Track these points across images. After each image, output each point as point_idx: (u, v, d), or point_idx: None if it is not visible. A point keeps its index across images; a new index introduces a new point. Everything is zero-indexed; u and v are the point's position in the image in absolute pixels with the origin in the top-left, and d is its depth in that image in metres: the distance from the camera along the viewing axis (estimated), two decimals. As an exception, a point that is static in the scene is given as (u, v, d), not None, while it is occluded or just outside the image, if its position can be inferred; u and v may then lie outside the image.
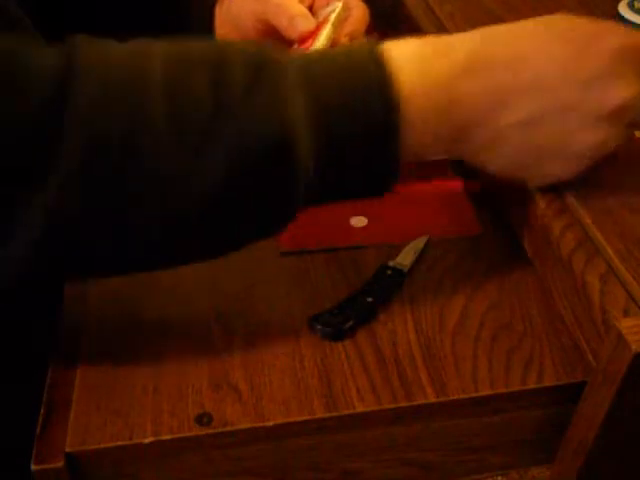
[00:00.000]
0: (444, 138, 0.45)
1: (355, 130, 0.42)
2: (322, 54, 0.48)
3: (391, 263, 0.55)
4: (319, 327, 0.50)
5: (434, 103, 0.43)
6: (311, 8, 0.64)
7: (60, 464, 0.42)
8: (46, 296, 0.56)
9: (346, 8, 0.60)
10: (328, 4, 0.63)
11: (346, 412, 0.45)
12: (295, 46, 0.58)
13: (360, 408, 0.46)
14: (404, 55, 0.44)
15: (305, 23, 0.59)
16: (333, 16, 0.59)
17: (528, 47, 0.44)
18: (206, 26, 0.68)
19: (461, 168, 0.66)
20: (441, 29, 0.72)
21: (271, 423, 0.45)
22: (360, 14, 0.63)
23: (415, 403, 0.46)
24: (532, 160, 0.47)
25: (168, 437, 0.44)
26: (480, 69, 0.43)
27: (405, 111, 0.42)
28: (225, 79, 0.40)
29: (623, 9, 0.71)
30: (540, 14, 0.75)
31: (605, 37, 0.44)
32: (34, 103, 0.37)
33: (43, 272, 0.42)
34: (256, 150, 0.40)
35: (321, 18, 0.60)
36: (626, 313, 0.42)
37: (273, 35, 0.62)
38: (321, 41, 0.57)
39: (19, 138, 0.37)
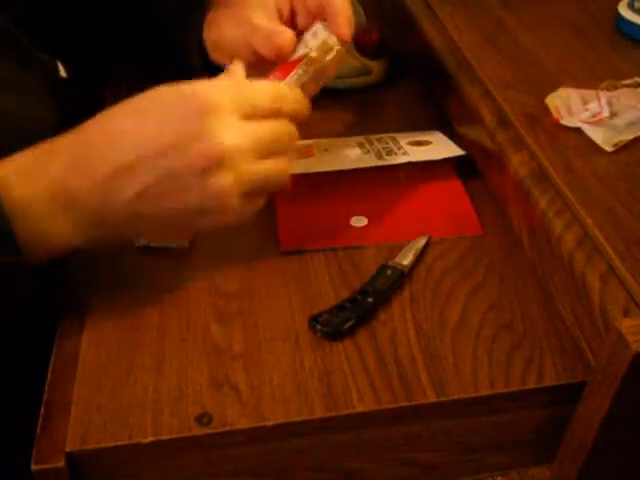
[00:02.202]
0: (84, 225, 0.48)
1: None
2: None
3: (391, 263, 0.55)
4: (319, 327, 0.50)
5: (50, 203, 0.46)
6: (294, 20, 0.62)
7: (60, 464, 0.42)
8: (47, 294, 0.56)
9: (327, 48, 0.56)
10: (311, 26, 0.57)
11: (346, 412, 0.45)
12: (270, 77, 0.55)
13: (360, 408, 0.46)
14: (8, 167, 0.46)
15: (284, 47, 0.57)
16: (311, 54, 0.55)
17: (116, 132, 0.47)
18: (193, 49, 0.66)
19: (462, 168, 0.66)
20: (441, 29, 0.72)
21: (271, 423, 0.45)
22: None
23: (415, 403, 0.46)
24: (175, 220, 0.49)
25: (168, 437, 0.44)
26: (78, 171, 0.46)
27: (19, 223, 0.45)
28: None
29: (623, 9, 0.71)
30: (539, 14, 0.76)
31: (188, 100, 0.46)
32: None
33: None
34: None
35: (302, 49, 0.56)
36: (626, 313, 0.42)
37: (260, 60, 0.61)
38: (295, 78, 0.54)
39: None
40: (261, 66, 0.60)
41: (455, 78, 0.66)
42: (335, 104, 0.75)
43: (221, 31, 0.63)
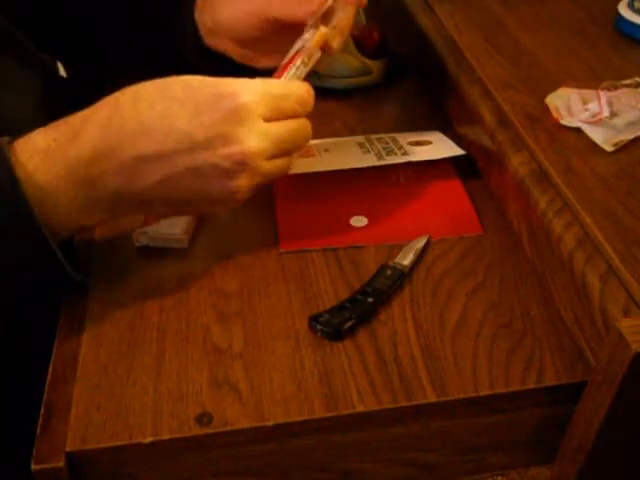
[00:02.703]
0: (101, 208, 0.49)
1: None
2: None
3: (391, 263, 0.55)
4: (319, 327, 0.50)
5: (71, 186, 0.47)
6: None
7: (60, 464, 0.42)
8: (46, 295, 0.56)
9: (322, 39, 0.56)
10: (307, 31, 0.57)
11: (346, 412, 0.45)
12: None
13: (360, 408, 0.46)
14: (28, 151, 0.47)
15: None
16: (308, 45, 0.55)
17: (148, 119, 0.47)
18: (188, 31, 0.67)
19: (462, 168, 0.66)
20: (440, 28, 0.73)
21: (271, 423, 0.45)
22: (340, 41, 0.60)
23: (415, 403, 0.46)
24: (186, 207, 0.52)
25: (168, 437, 0.44)
26: (106, 154, 0.47)
27: (39, 206, 0.46)
28: None
29: (623, 9, 0.71)
30: (539, 14, 0.76)
31: (220, 99, 0.47)
32: None
33: None
34: None
35: (296, 47, 0.56)
36: (626, 313, 0.42)
37: (276, 32, 0.61)
38: (291, 74, 0.55)
39: None
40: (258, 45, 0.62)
41: (455, 78, 0.66)
42: (335, 104, 0.75)
43: (216, 13, 0.64)
